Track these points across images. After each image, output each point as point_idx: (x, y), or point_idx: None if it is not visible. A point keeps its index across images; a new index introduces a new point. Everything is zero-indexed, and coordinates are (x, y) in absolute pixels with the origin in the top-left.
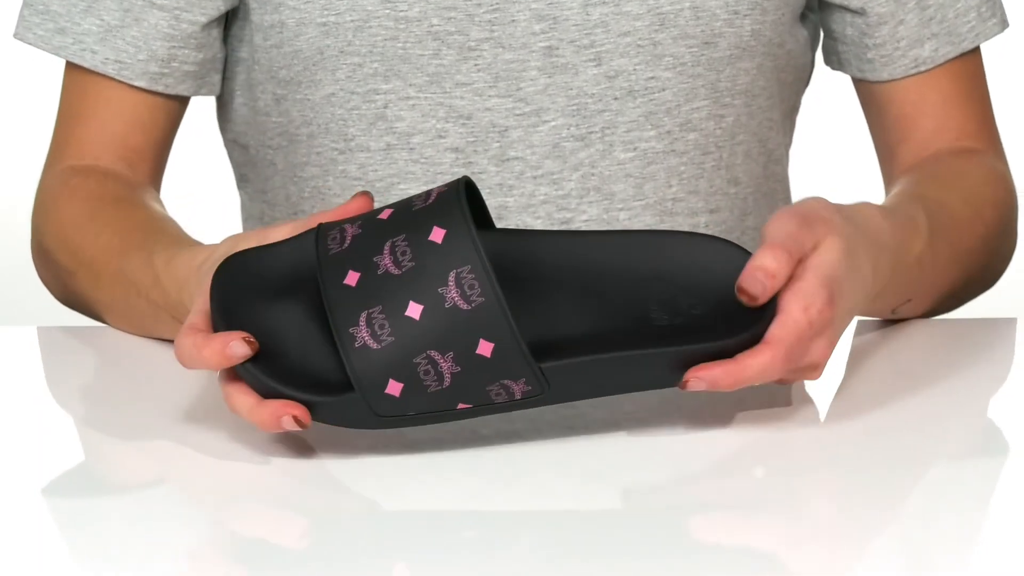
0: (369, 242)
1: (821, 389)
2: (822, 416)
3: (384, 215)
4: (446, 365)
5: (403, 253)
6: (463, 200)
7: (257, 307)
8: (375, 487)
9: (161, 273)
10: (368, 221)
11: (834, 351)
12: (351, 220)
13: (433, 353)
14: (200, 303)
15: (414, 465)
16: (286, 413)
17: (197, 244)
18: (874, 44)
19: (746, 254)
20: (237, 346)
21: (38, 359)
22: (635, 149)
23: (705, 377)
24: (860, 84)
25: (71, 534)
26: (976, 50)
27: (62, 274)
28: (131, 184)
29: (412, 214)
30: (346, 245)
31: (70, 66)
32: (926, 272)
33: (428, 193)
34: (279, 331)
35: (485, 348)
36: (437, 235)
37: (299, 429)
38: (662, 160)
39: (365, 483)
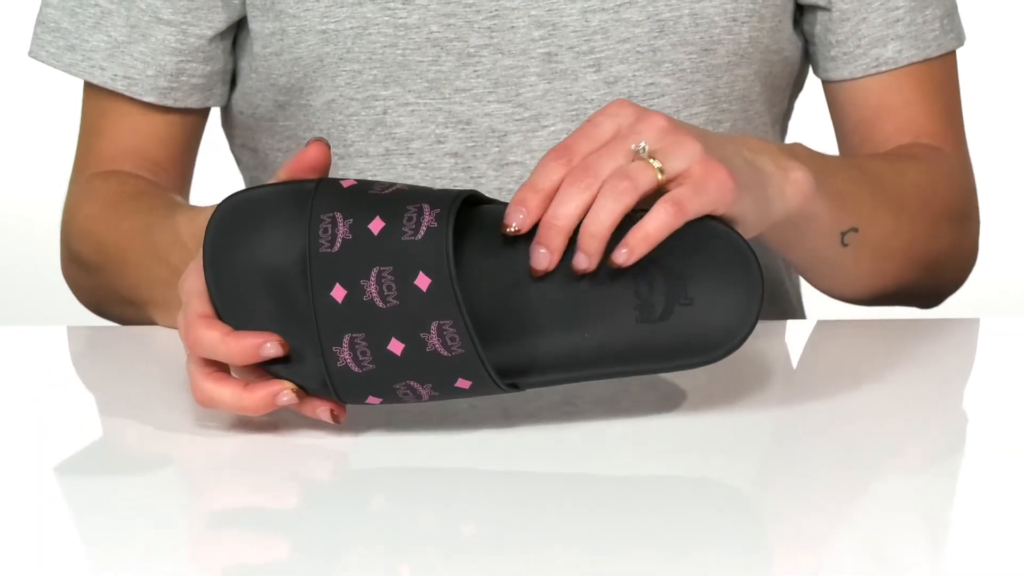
0: (358, 258)
1: (808, 386)
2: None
3: (374, 226)
4: (425, 391)
5: (388, 288)
6: (450, 252)
7: (251, 298)
8: (367, 476)
9: (182, 228)
10: (357, 227)
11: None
12: (342, 211)
13: (412, 382)
14: (197, 284)
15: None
16: (281, 388)
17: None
18: (836, 41)
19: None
20: (271, 347)
21: (67, 357)
22: None
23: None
24: (827, 87)
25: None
26: (945, 59)
27: (90, 272)
28: (155, 184)
29: (402, 244)
30: (336, 249)
31: (87, 82)
32: (862, 198)
33: (419, 220)
34: (269, 326)
35: (464, 384)
36: (422, 282)
37: (296, 402)
38: None
39: (358, 466)
